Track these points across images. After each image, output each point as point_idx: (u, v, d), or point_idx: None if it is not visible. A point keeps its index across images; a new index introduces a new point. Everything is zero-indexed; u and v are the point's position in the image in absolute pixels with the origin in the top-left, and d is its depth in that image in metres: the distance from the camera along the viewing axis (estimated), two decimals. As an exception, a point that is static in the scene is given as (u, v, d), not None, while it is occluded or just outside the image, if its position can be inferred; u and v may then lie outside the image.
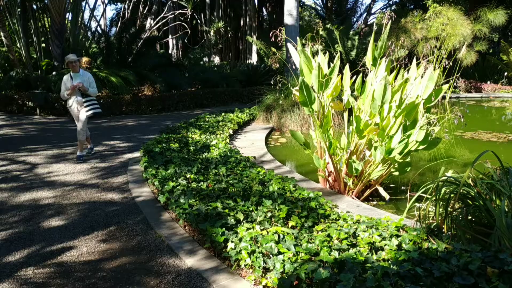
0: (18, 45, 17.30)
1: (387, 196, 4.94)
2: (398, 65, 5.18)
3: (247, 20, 28.70)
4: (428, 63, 5.06)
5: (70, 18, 18.67)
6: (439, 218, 3.60)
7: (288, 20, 14.87)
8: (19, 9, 17.03)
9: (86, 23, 21.62)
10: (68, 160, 7.11)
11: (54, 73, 15.02)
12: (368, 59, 5.15)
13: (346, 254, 2.97)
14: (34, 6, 18.24)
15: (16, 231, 4.17)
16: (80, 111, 7.02)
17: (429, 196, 3.77)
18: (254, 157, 6.91)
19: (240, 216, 3.79)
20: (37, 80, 14.33)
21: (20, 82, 14.43)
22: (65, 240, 3.96)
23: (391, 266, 2.75)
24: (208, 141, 7.65)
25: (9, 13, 17.22)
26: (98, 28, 23.56)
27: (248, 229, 3.53)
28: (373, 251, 3.17)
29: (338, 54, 5.35)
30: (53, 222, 4.42)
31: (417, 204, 4.00)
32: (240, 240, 3.37)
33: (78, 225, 4.32)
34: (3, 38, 14.60)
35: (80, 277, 3.28)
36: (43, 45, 17.96)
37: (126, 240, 3.96)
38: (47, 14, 17.90)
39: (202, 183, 4.88)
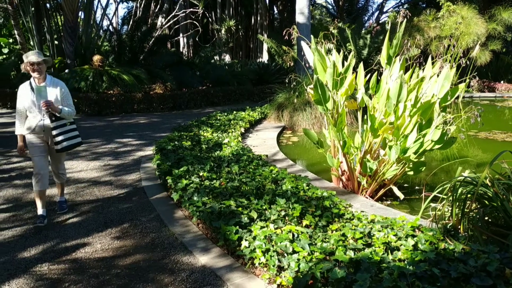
0: (31, 43, 17.49)
1: (401, 196, 4.90)
2: (414, 64, 5.13)
3: (258, 18, 28.64)
4: (443, 62, 4.99)
5: (82, 16, 18.81)
6: (455, 219, 3.56)
7: (300, 18, 14.81)
8: (32, 8, 17.19)
9: (98, 21, 21.76)
10: (81, 157, 7.15)
11: (66, 70, 15.14)
12: (382, 58, 5.11)
13: (361, 254, 2.95)
14: (48, 5, 18.40)
15: (31, 227, 4.20)
16: (49, 143, 4.39)
17: (445, 196, 3.72)
18: (267, 155, 6.89)
19: (254, 215, 3.77)
20: (50, 78, 14.43)
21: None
22: (79, 237, 3.98)
23: (408, 267, 2.72)
24: (220, 139, 7.65)
25: (23, 12, 17.40)
26: (110, 27, 23.70)
27: (262, 227, 3.52)
28: (389, 251, 3.13)
29: (353, 52, 5.31)
30: (67, 218, 4.45)
31: (432, 204, 3.96)
32: (254, 238, 3.35)
33: (92, 222, 4.35)
34: (17, 36, 14.77)
35: (95, 273, 3.29)
36: (56, 43, 18.13)
37: (140, 237, 3.97)
38: (60, 12, 18.05)
39: (215, 181, 4.87)
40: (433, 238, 3.22)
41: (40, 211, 4.33)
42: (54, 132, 4.24)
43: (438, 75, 4.78)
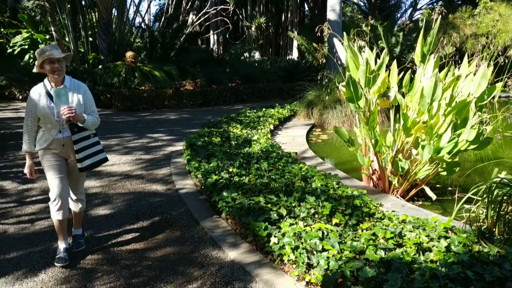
0: (67, 39, 17.94)
1: (433, 196, 4.80)
2: (450, 62, 5.01)
3: (289, 15, 28.56)
4: (479, 60, 4.85)
5: (116, 13, 19.18)
6: (490, 221, 3.47)
7: (331, 15, 14.68)
8: (68, 5, 17.64)
9: (131, 18, 22.13)
10: (114, 151, 7.30)
11: (100, 66, 15.49)
12: (416, 55, 5.02)
13: (392, 254, 2.91)
14: (83, 2, 18.84)
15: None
16: (68, 160, 3.47)
17: (480, 198, 3.63)
18: (296, 153, 6.87)
19: (283, 212, 3.78)
20: (84, 73, 14.81)
21: (68, 75, 14.94)
22: (112, 229, 4.08)
23: (440, 268, 2.67)
24: (249, 136, 7.68)
25: (59, 9, 17.86)
26: (142, 24, 24.06)
27: (291, 224, 3.52)
28: (420, 252, 3.08)
29: (386, 49, 5.23)
30: (100, 210, 4.56)
31: (466, 206, 3.86)
32: (283, 235, 3.35)
33: (124, 215, 4.44)
34: (53, 32, 15.15)
35: (127, 265, 3.37)
36: (90, 39, 18.55)
37: (170, 230, 4.04)
38: (94, 9, 18.46)
39: (244, 177, 4.89)
40: (466, 240, 3.15)
41: (62, 244, 3.48)
42: (76, 147, 3.34)
43: (474, 74, 4.65)
